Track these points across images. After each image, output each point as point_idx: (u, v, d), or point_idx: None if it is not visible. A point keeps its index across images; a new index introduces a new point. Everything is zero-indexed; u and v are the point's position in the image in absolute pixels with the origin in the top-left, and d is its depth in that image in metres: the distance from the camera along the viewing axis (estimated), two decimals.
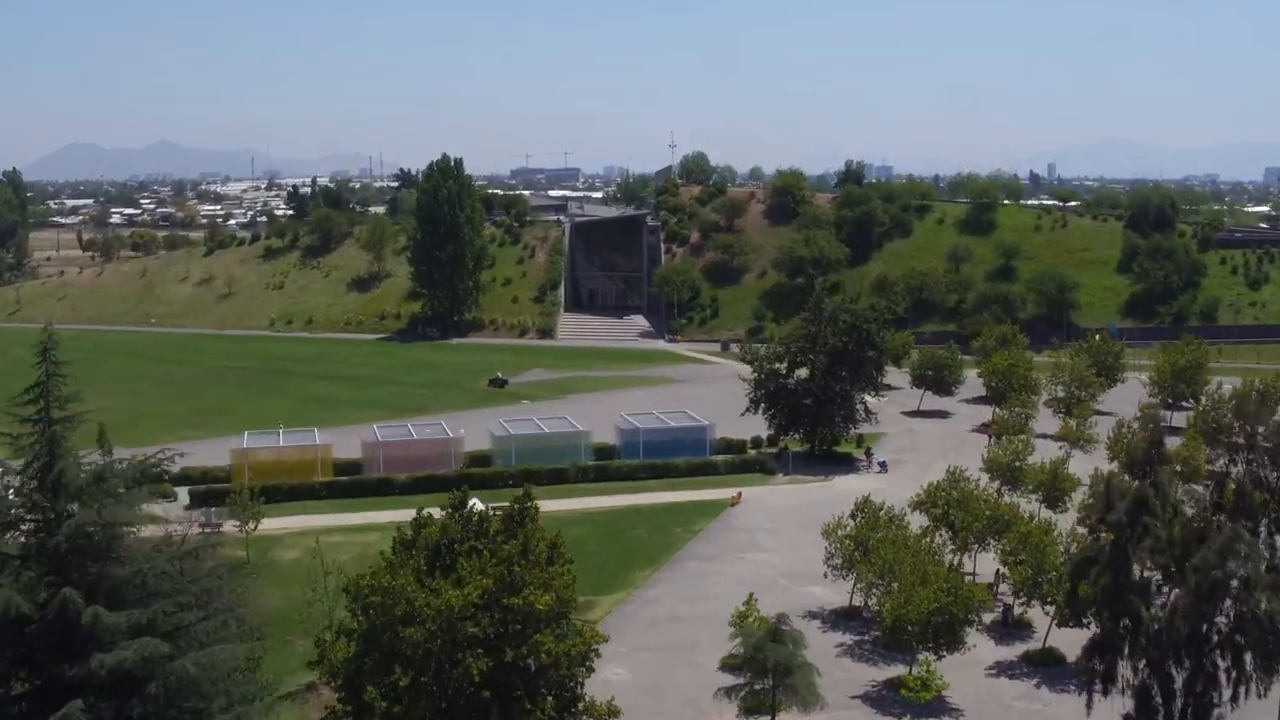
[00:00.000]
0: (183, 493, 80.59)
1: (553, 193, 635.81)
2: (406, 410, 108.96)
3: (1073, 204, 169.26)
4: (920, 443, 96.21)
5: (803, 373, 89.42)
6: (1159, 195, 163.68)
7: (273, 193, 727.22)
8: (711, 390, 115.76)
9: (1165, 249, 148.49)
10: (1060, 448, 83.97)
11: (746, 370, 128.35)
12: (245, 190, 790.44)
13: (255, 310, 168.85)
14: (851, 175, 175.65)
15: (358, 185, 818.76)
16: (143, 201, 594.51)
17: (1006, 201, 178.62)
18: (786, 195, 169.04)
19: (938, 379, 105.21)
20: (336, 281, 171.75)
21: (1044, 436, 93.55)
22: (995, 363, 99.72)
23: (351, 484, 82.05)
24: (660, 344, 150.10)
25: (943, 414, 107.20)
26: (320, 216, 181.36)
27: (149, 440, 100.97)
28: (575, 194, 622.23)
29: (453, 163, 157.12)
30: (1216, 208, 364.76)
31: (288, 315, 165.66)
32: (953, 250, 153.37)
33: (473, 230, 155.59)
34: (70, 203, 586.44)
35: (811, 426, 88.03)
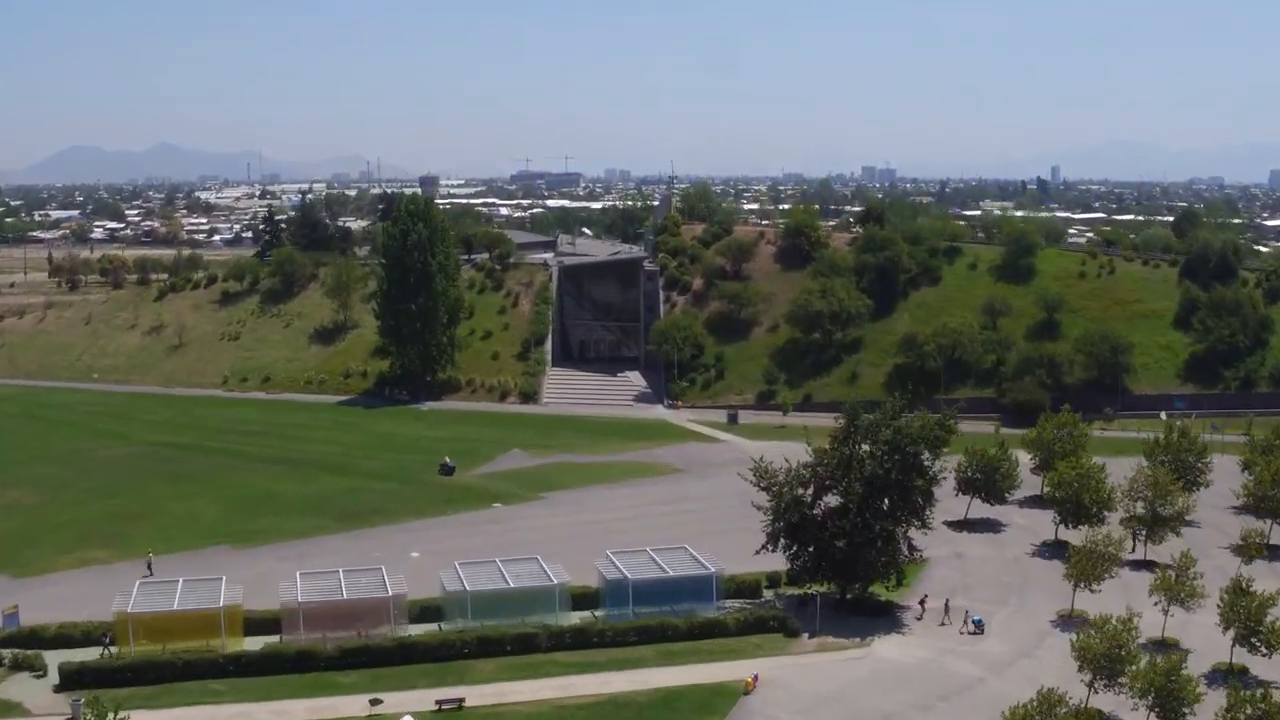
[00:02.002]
0: (56, 663, 63.77)
1: (551, 203, 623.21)
2: (355, 518, 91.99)
3: (1118, 247, 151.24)
4: (973, 576, 78.81)
5: (832, 499, 72.12)
6: (1219, 239, 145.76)
7: (265, 201, 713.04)
8: (717, 486, 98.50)
9: (1229, 303, 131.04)
10: (1156, 603, 66.81)
11: (757, 445, 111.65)
12: (239, 198, 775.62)
13: (207, 365, 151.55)
14: (872, 214, 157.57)
15: (354, 192, 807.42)
16: (129, 213, 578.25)
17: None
18: (800, 236, 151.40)
19: (988, 484, 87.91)
20: (298, 332, 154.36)
21: (1126, 565, 76.59)
22: (1063, 474, 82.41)
23: (265, 657, 64.56)
24: (658, 410, 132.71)
25: (994, 526, 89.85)
26: (282, 257, 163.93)
27: (43, 566, 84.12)
28: (574, 204, 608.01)
29: (424, 203, 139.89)
30: (1238, 221, 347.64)
31: (242, 371, 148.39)
32: (988, 302, 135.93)
33: (446, 280, 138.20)
34: (55, 214, 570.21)
35: (845, 571, 70.60)
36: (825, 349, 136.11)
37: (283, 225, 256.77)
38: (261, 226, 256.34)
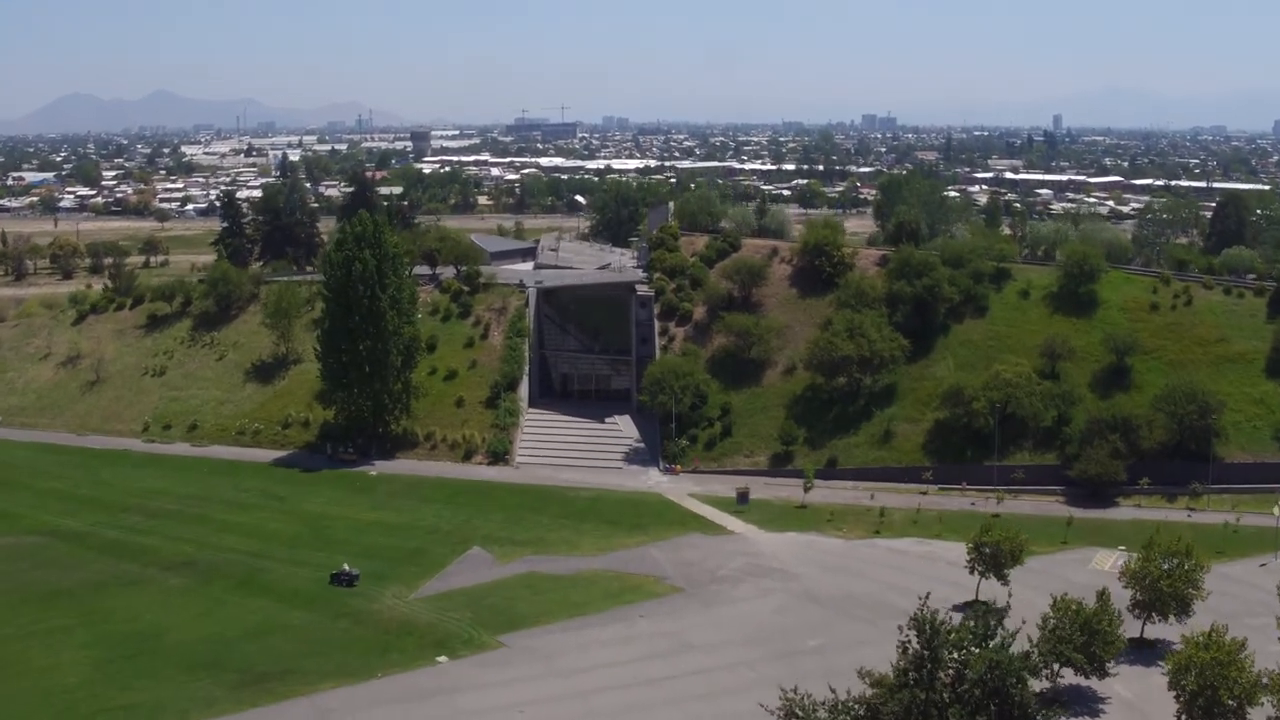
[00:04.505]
0: None
1: (545, 161, 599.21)
2: (256, 682, 70.21)
3: (1192, 270, 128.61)
4: None
5: None
6: None
7: (251, 159, 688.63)
8: (726, 625, 77.41)
9: None
10: None
11: (774, 540, 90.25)
12: (225, 154, 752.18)
13: (127, 407, 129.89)
14: (905, 231, 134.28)
15: (345, 146, 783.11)
16: (107, 174, 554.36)
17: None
18: (820, 256, 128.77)
19: (1087, 649, 66.39)
20: (232, 367, 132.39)
21: None
22: (1192, 658, 60.90)
23: None
24: (653, 477, 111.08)
25: (1091, 705, 67.93)
26: (217, 275, 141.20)
27: None
28: (569, 162, 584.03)
29: (372, 225, 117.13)
30: (1268, 189, 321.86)
31: (166, 417, 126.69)
32: (1048, 344, 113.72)
33: (400, 317, 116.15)
34: (29, 177, 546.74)
35: None
36: (852, 398, 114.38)
37: (245, 211, 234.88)
38: (220, 214, 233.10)
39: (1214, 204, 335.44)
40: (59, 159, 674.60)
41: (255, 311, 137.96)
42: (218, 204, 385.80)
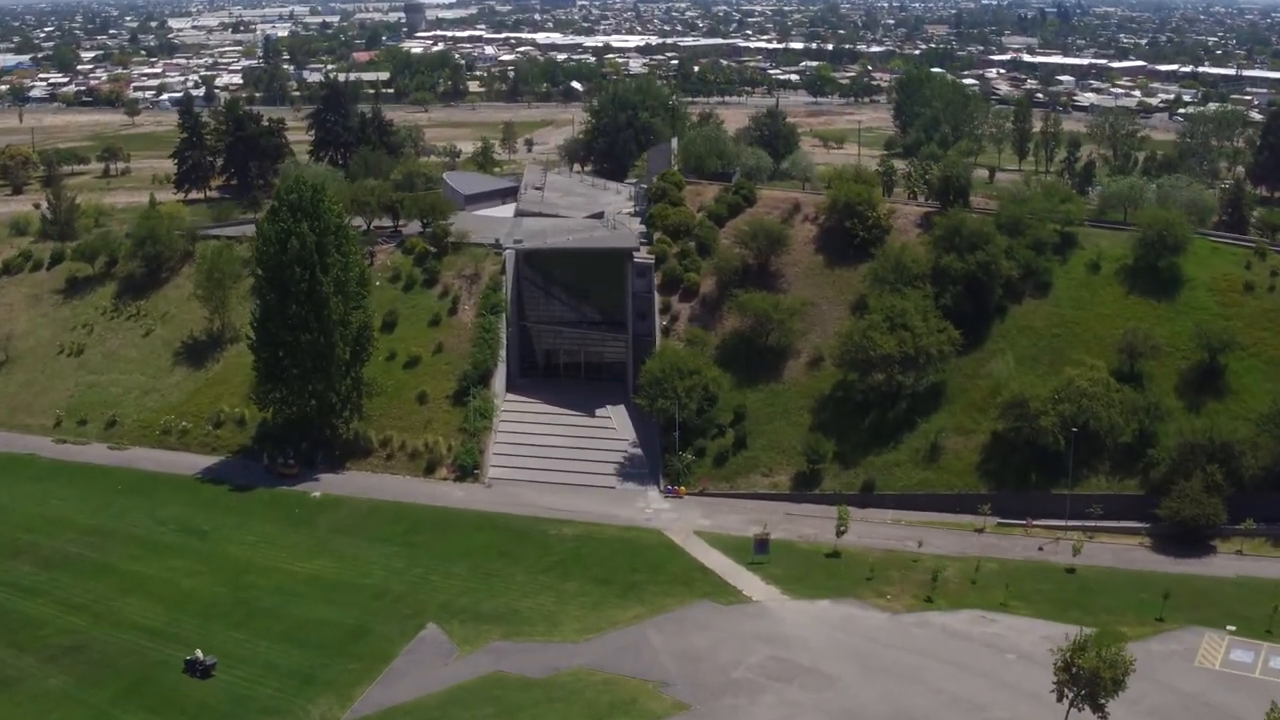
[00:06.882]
0: None
1: (540, 38, 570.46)
2: None
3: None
4: None
5: None
6: None
7: (238, 35, 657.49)
8: None
9: None
10: None
11: (804, 611, 71.64)
12: (214, 29, 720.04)
13: (39, 395, 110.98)
14: (953, 185, 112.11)
15: (337, 18, 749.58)
16: (85, 55, 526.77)
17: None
18: (851, 216, 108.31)
19: None
20: (159, 345, 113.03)
21: None
22: None
23: None
24: (652, 501, 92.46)
25: None
26: (144, 233, 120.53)
27: None
28: (567, 39, 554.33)
29: (310, 192, 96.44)
30: None
31: (82, 408, 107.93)
32: (1126, 340, 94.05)
33: (347, 303, 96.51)
34: (4, 61, 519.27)
35: None
36: (891, 400, 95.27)
37: (206, 120, 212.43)
38: (180, 124, 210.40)
39: (1249, 95, 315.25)
40: (42, 35, 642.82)
41: (189, 274, 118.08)
42: (196, 90, 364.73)
